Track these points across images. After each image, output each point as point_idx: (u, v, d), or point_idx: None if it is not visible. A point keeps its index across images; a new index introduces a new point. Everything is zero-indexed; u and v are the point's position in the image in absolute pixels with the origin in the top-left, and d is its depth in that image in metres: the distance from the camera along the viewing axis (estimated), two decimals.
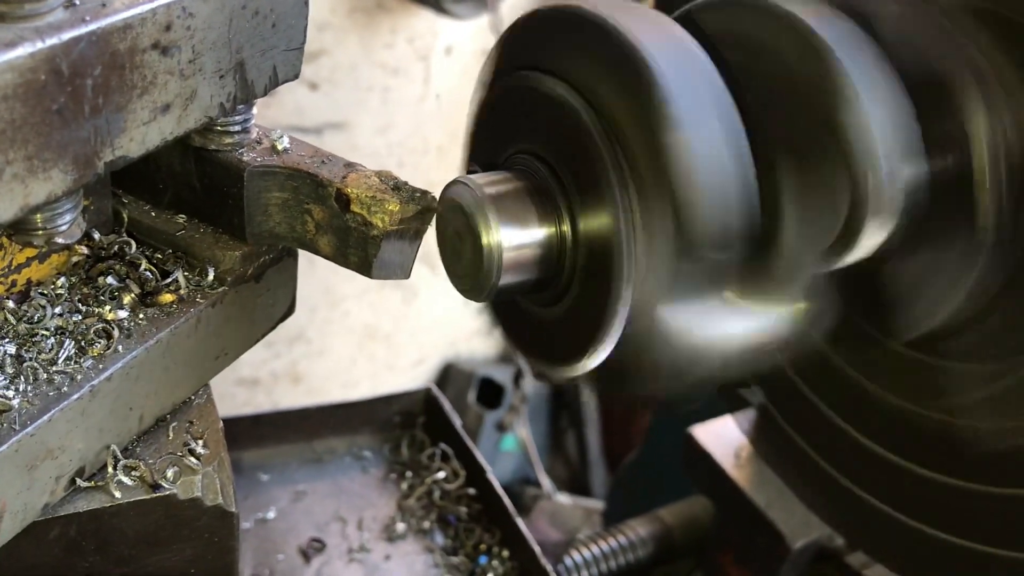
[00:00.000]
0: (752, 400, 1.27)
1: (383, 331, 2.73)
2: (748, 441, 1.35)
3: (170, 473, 0.88)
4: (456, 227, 0.84)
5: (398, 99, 2.46)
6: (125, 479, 0.87)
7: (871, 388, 1.05)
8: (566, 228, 0.82)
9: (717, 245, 0.78)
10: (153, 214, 0.98)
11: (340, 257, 0.94)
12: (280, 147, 0.95)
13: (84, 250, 0.93)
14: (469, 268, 0.84)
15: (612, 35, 0.78)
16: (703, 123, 0.77)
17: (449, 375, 2.87)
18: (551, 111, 0.82)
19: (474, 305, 2.91)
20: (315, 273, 0.97)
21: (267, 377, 2.56)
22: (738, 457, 1.42)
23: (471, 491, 1.34)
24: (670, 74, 0.76)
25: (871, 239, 0.87)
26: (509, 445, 2.81)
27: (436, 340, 2.87)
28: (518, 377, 2.83)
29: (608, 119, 0.78)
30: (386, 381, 2.77)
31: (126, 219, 0.97)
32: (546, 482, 2.78)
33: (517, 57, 0.87)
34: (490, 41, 2.64)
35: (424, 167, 2.56)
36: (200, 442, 0.92)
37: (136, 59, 0.76)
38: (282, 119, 2.31)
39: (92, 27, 0.72)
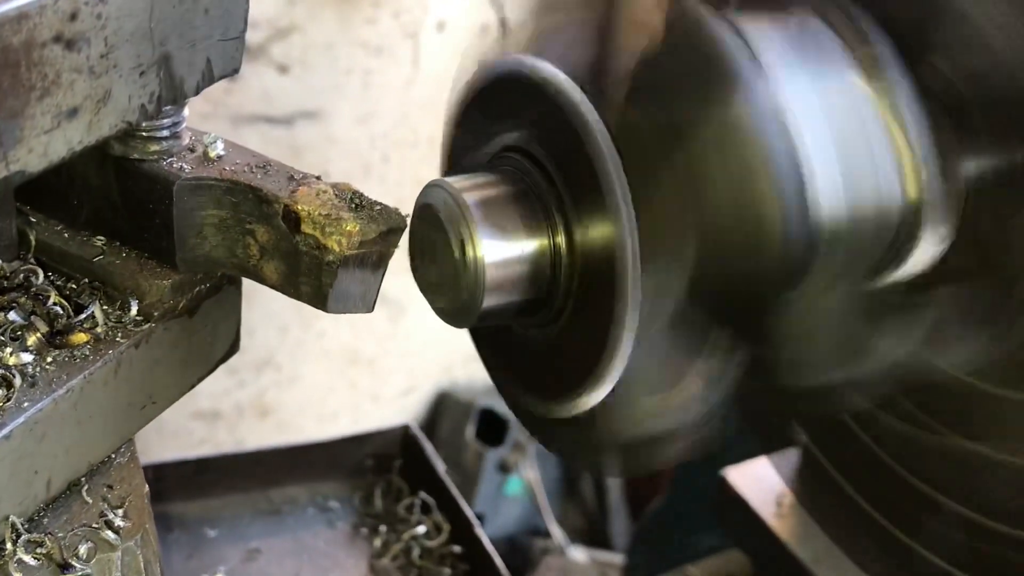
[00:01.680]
0: (796, 439, 1.27)
1: (366, 355, 2.73)
2: (789, 488, 1.33)
3: (83, 550, 0.86)
4: (430, 239, 0.84)
5: (382, 83, 2.47)
6: (27, 558, 0.84)
7: (935, 427, 1.03)
8: (560, 239, 0.82)
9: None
10: (66, 236, 0.96)
11: (289, 287, 0.93)
12: (213, 154, 0.94)
13: None
14: (446, 287, 0.84)
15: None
16: None
17: (444, 406, 2.86)
18: (541, 99, 0.81)
19: None
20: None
21: (230, 409, 2.56)
22: (780, 505, 1.40)
23: (457, 549, 1.33)
24: None
25: (925, 251, 0.85)
26: (514, 489, 2.81)
27: (428, 365, 2.87)
28: None
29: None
30: (369, 413, 2.77)
31: (33, 242, 0.95)
32: (557, 532, 2.78)
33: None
34: (488, 15, 2.66)
35: (412, 161, 2.56)
36: (120, 511, 0.90)
37: (34, 55, 0.74)
38: (246, 107, 2.31)
39: None
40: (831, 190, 0.76)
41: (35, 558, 0.85)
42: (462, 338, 0.92)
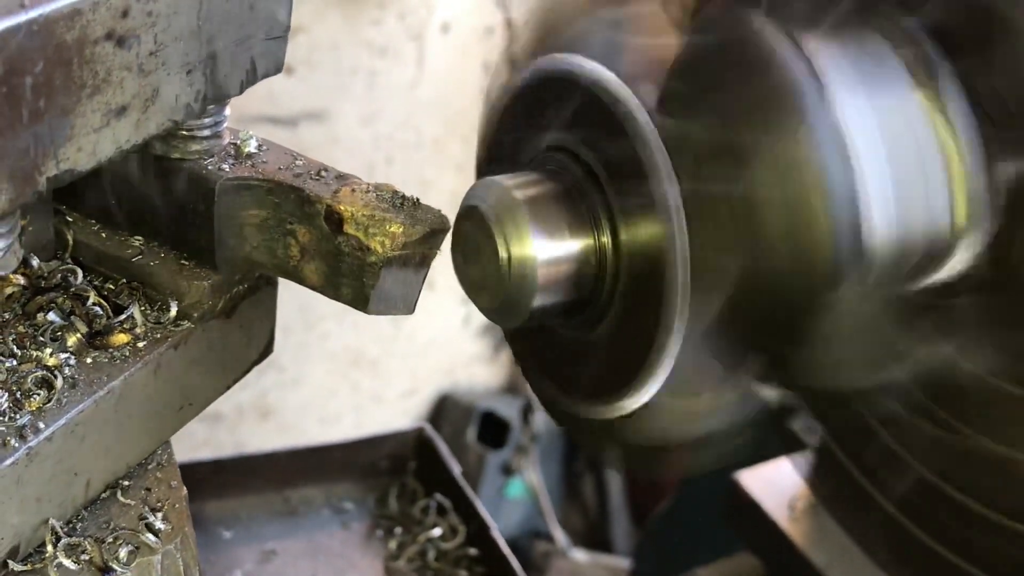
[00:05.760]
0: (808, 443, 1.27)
1: (368, 357, 2.73)
2: (806, 488, 1.33)
3: (123, 553, 0.86)
4: (477, 237, 0.84)
5: (387, 84, 2.47)
6: (67, 561, 0.84)
7: (964, 430, 1.03)
8: (605, 239, 0.82)
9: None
10: (104, 236, 0.96)
11: (330, 288, 0.93)
12: (245, 150, 0.94)
13: (20, 280, 0.91)
14: (494, 286, 0.83)
15: None
16: None
17: (445, 408, 2.86)
18: (588, 99, 0.81)
19: (475, 326, 2.94)
20: (288, 288, 0.97)
21: (231, 411, 2.55)
22: (793, 508, 1.40)
23: (472, 551, 1.33)
24: None
25: (961, 258, 0.85)
26: (516, 492, 2.81)
27: (430, 367, 2.87)
28: (527, 411, 2.83)
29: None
30: (372, 415, 2.76)
31: (71, 242, 0.95)
32: (560, 535, 2.78)
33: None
34: (494, 17, 2.66)
35: (417, 163, 2.56)
36: (159, 514, 0.89)
37: (86, 52, 0.74)
38: (251, 108, 2.30)
39: (32, 15, 0.70)
40: (884, 212, 0.77)
41: (75, 562, 0.85)
42: (464, 341, 0.92)
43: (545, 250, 0.81)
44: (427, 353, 2.82)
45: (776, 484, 1.42)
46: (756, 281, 0.77)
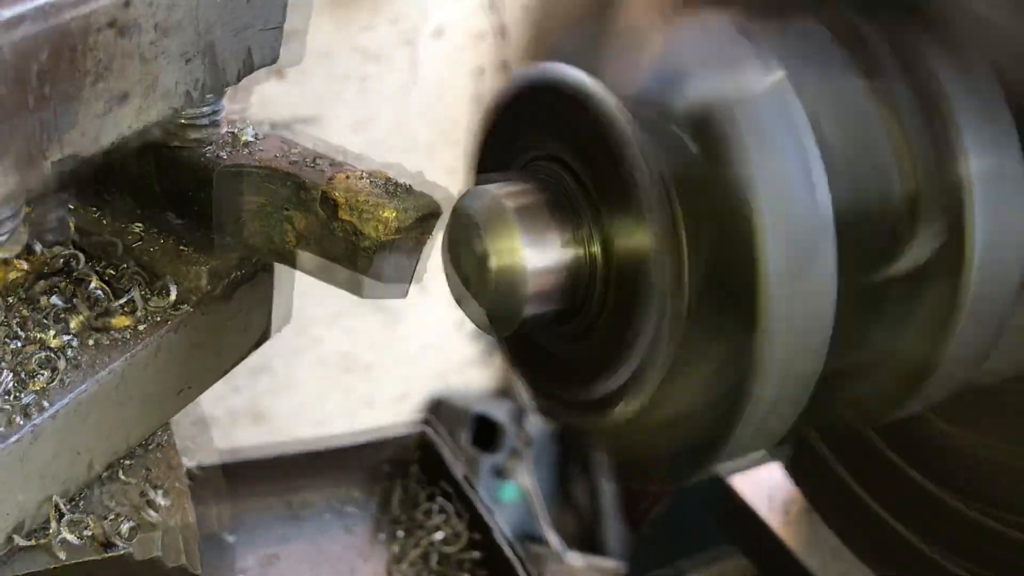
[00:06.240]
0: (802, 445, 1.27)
1: (361, 361, 2.72)
2: (798, 492, 1.34)
3: (125, 529, 0.88)
4: (468, 246, 0.84)
5: (379, 90, 2.47)
6: (70, 537, 0.86)
7: (950, 431, 1.04)
8: (595, 249, 0.82)
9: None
10: (104, 222, 0.98)
11: (326, 273, 0.94)
12: (243, 138, 0.96)
13: (24, 265, 0.92)
14: (484, 295, 0.83)
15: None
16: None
17: (439, 412, 2.85)
18: (576, 108, 0.82)
19: (468, 330, 2.94)
20: (280, 292, 1.00)
21: (224, 416, 2.55)
22: (786, 512, 1.41)
23: (476, 554, 1.33)
24: None
25: (922, 247, 0.86)
26: (510, 495, 2.80)
27: (423, 371, 2.86)
28: (520, 415, 2.82)
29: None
30: (364, 419, 2.75)
31: (73, 228, 0.97)
32: (553, 538, 2.77)
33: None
34: (487, 22, 2.67)
35: (409, 168, 2.56)
36: (160, 492, 0.91)
37: (90, 40, 0.76)
38: (244, 113, 2.31)
39: (38, 3, 0.72)
40: (833, 178, 0.78)
41: (78, 537, 0.86)
42: (457, 344, 0.91)
43: (535, 259, 0.81)
44: (420, 357, 2.82)
45: (769, 487, 1.41)
46: (728, 259, 0.78)
